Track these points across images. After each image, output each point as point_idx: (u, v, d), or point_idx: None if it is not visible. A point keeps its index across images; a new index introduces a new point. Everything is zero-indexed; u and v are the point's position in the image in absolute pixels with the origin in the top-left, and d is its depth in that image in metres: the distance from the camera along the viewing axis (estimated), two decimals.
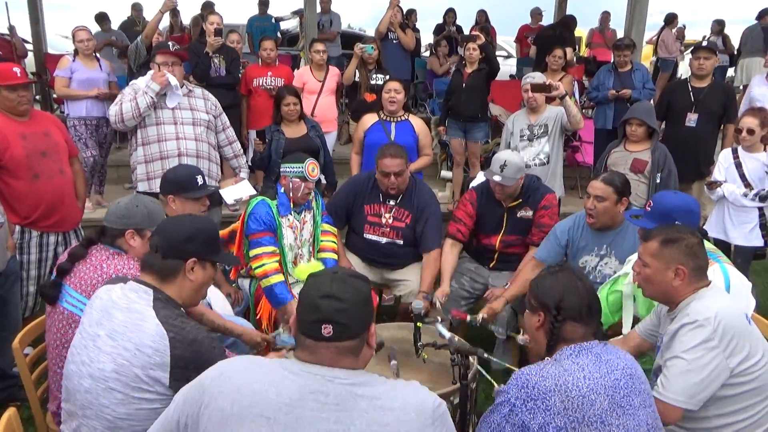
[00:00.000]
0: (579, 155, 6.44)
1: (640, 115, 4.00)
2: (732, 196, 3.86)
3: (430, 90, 8.01)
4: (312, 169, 3.04)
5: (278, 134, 4.12)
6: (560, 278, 1.70)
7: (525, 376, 1.58)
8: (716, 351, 1.83)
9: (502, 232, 3.38)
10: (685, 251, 1.95)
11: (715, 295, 1.95)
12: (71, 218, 3.38)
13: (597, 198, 2.92)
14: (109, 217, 2.18)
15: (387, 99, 4.16)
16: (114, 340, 1.69)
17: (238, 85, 5.43)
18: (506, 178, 3.17)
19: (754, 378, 1.84)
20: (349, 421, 1.30)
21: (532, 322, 1.73)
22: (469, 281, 3.44)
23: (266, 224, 3.00)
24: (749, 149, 3.86)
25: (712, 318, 1.84)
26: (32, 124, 3.22)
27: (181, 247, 1.80)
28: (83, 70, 5.13)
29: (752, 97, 5.51)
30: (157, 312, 1.71)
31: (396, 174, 3.30)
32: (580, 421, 1.51)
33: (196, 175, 2.73)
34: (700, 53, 4.85)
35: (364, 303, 1.39)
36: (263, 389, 1.33)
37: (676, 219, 2.41)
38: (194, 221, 1.91)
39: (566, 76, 5.68)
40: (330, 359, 1.35)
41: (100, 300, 1.80)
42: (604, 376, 1.57)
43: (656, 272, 2.00)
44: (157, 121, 3.59)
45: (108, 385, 1.66)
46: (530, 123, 4.28)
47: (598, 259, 3.03)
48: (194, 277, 1.83)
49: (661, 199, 2.56)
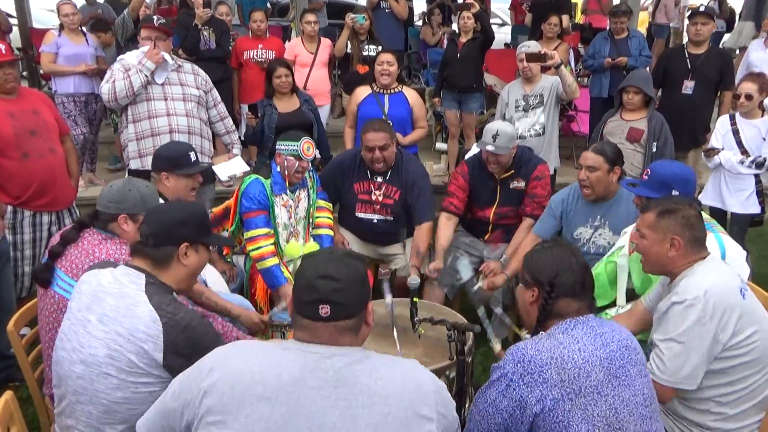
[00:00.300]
0: (574, 125, 6.40)
1: (637, 82, 3.95)
2: (729, 163, 3.84)
3: (424, 60, 7.89)
4: (307, 148, 3.01)
5: (270, 109, 4.06)
6: (554, 254, 1.70)
7: (521, 351, 1.58)
8: (708, 327, 1.83)
9: (496, 204, 3.37)
10: (681, 222, 1.95)
11: (708, 271, 1.94)
12: (64, 197, 3.34)
13: (589, 168, 2.91)
14: (102, 201, 2.16)
15: (380, 71, 4.09)
16: (106, 325, 1.67)
17: (228, 59, 5.35)
18: (499, 148, 3.15)
19: (748, 351, 1.85)
20: (350, 397, 1.30)
21: (526, 297, 1.73)
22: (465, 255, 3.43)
23: (260, 203, 2.98)
24: (747, 115, 3.83)
25: (702, 296, 1.84)
26: (20, 102, 3.17)
27: (172, 233, 1.79)
28: (69, 45, 5.03)
29: (750, 62, 5.47)
30: (150, 297, 1.69)
31: (380, 148, 3.26)
32: (576, 393, 1.52)
33: (189, 152, 2.69)
34: (698, 18, 4.78)
35: (361, 282, 1.39)
36: (262, 371, 1.33)
37: (673, 188, 2.40)
38: (183, 206, 1.90)
39: (562, 45, 5.61)
40: (329, 338, 1.35)
41: (87, 284, 1.78)
42: (599, 348, 1.58)
43: (653, 243, 2.00)
44: (147, 98, 3.52)
45: (102, 371, 1.65)
46: (525, 93, 4.23)
47: (592, 230, 3.03)
48: (188, 261, 1.82)
49: (658, 167, 2.54)
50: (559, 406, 1.51)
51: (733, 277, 1.94)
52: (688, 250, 1.96)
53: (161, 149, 2.79)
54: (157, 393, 1.64)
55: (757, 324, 1.87)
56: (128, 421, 1.67)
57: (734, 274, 1.96)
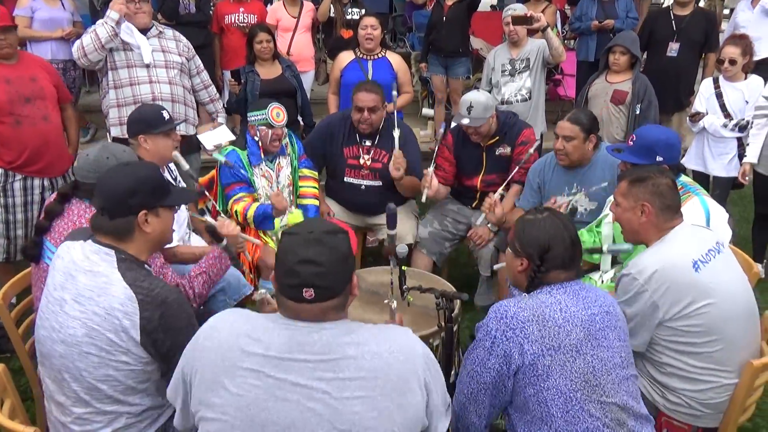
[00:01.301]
0: (561, 89, 6.37)
1: (624, 41, 3.94)
2: (712, 127, 3.87)
3: (410, 23, 7.76)
4: (277, 114, 2.98)
5: (253, 75, 3.99)
6: (546, 226, 1.70)
7: (503, 308, 1.63)
8: (644, 298, 1.91)
9: (483, 172, 3.36)
10: (651, 190, 2.01)
11: (663, 245, 1.99)
12: (59, 165, 3.34)
13: (565, 138, 2.93)
14: (80, 172, 2.12)
15: (363, 36, 4.03)
16: (81, 305, 1.65)
17: (209, 24, 5.22)
18: (475, 119, 3.13)
19: (699, 323, 1.89)
20: (337, 369, 1.32)
21: (515, 265, 1.75)
22: (452, 222, 3.45)
23: (238, 176, 3.00)
24: (731, 78, 3.84)
25: (649, 275, 1.91)
26: (18, 68, 3.16)
27: (126, 202, 1.70)
28: (45, 8, 4.86)
29: (736, 23, 5.42)
30: (123, 274, 1.66)
31: (370, 110, 3.24)
32: (556, 349, 1.57)
33: (161, 110, 2.67)
34: None
35: (343, 261, 1.37)
36: (251, 343, 1.35)
37: (657, 153, 2.42)
38: (133, 170, 1.78)
39: (549, 7, 5.53)
40: (315, 317, 1.36)
41: (61, 260, 1.74)
42: (581, 310, 1.63)
43: (624, 210, 2.08)
44: (128, 64, 3.45)
45: (82, 350, 1.64)
46: (512, 57, 4.19)
47: (569, 198, 3.06)
48: (150, 228, 1.75)
49: (643, 132, 2.56)
50: (539, 361, 1.57)
51: (688, 250, 1.95)
52: (659, 217, 2.01)
53: (133, 114, 2.74)
54: (137, 370, 1.66)
55: (711, 297, 1.89)
56: (113, 396, 1.67)
57: (693, 246, 1.97)
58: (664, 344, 1.95)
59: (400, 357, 1.36)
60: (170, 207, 1.83)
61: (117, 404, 1.69)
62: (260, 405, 1.31)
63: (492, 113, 3.19)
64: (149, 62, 3.47)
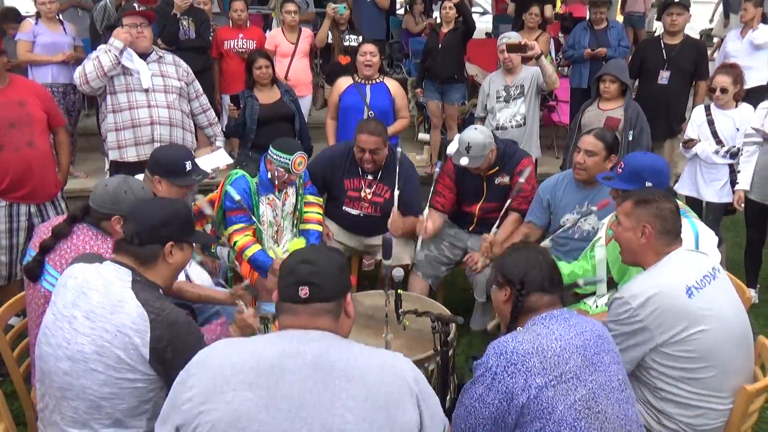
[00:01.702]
0: (555, 115, 6.46)
1: (613, 71, 4.02)
2: (704, 153, 3.93)
3: (406, 50, 7.89)
4: (299, 163, 2.98)
5: (252, 100, 4.04)
6: (523, 254, 1.81)
7: (502, 344, 1.64)
8: (633, 323, 1.92)
9: (482, 200, 3.38)
10: (654, 212, 2.03)
11: (657, 270, 2.00)
12: (44, 191, 3.28)
13: (587, 152, 2.96)
14: (96, 200, 2.15)
15: (362, 62, 4.09)
16: (92, 322, 1.68)
17: (208, 49, 5.29)
18: (473, 159, 3.15)
19: (692, 349, 1.90)
20: (328, 380, 1.34)
21: (500, 297, 1.81)
22: (449, 247, 3.47)
23: (243, 202, 3.00)
24: (722, 106, 3.91)
25: (642, 301, 1.91)
26: (6, 93, 3.12)
27: (158, 232, 1.81)
28: (47, 33, 4.95)
29: (726, 52, 5.55)
30: (136, 294, 1.71)
31: (371, 151, 3.28)
32: (558, 379, 1.57)
33: (185, 160, 2.63)
34: (673, 9, 4.84)
35: (339, 269, 1.49)
36: (243, 359, 1.38)
37: (646, 179, 2.45)
38: (168, 204, 1.91)
39: (543, 35, 5.65)
40: (308, 320, 1.43)
41: (73, 279, 1.78)
42: (575, 337, 1.65)
43: (625, 230, 2.09)
44: (128, 88, 3.48)
45: (89, 366, 1.66)
46: (506, 84, 4.26)
47: (578, 216, 3.09)
48: (173, 260, 1.85)
49: (631, 159, 2.59)
50: (543, 393, 1.56)
51: (683, 276, 1.96)
52: (658, 240, 2.03)
53: (158, 152, 2.71)
54: (142, 389, 1.68)
55: (704, 323, 1.90)
56: (113, 416, 1.68)
57: (688, 272, 1.98)
58: (660, 370, 1.95)
59: (390, 372, 1.39)
60: (191, 244, 1.93)
61: (116, 426, 1.69)
62: (252, 417, 1.32)
63: (490, 149, 3.20)
64: (148, 87, 3.50)
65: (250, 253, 2.98)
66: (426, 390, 1.44)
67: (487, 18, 10.22)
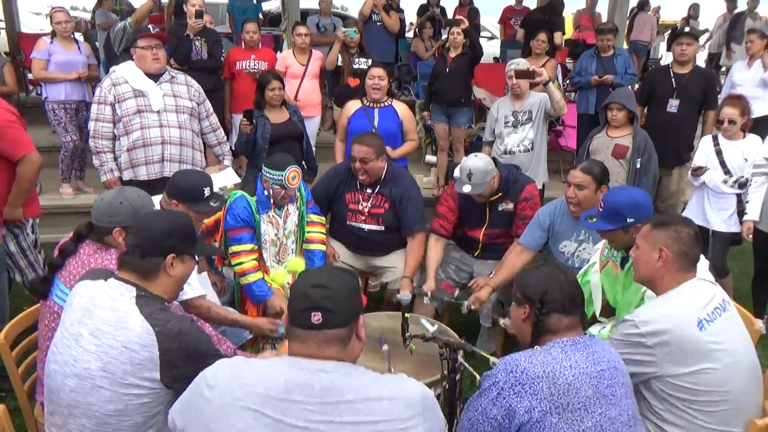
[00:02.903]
0: (562, 139, 6.49)
1: (620, 99, 4.04)
2: (712, 182, 3.92)
3: (414, 72, 7.96)
4: (292, 177, 2.99)
5: (263, 119, 4.08)
6: (544, 272, 1.76)
7: (514, 362, 1.62)
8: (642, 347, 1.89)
9: (486, 226, 3.39)
10: (672, 236, 2.02)
11: (673, 303, 1.97)
12: None
13: (577, 186, 2.96)
14: (95, 215, 2.16)
15: (371, 86, 4.14)
16: (98, 339, 1.68)
17: (220, 69, 5.36)
18: (476, 186, 3.16)
19: (697, 383, 1.87)
20: (336, 413, 1.33)
21: (518, 315, 1.78)
22: (455, 270, 3.47)
23: (244, 221, 3.01)
24: (730, 137, 3.92)
25: (651, 329, 1.88)
26: None
27: (159, 244, 1.81)
28: (62, 52, 5.03)
29: (733, 82, 5.58)
30: (140, 308, 1.71)
31: (361, 161, 3.30)
32: (564, 407, 1.55)
33: (204, 187, 2.61)
34: (683, 39, 4.87)
35: (351, 292, 1.45)
36: (250, 383, 1.37)
37: (626, 215, 2.41)
38: (169, 217, 1.91)
39: (550, 61, 5.70)
40: (318, 348, 1.39)
41: (80, 297, 1.79)
42: (590, 366, 1.62)
43: (643, 253, 2.08)
44: (139, 109, 3.52)
45: (95, 384, 1.66)
46: (514, 109, 4.29)
47: (576, 244, 3.08)
48: (174, 272, 1.84)
49: (609, 198, 2.53)
50: (546, 419, 1.54)
51: (695, 308, 1.94)
52: (676, 264, 2.01)
53: (178, 177, 2.69)
54: (148, 404, 1.68)
55: (714, 358, 1.87)
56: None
57: (700, 304, 1.95)
58: (669, 401, 1.92)
59: (400, 403, 1.37)
60: (193, 256, 1.92)
61: None
62: None
63: (492, 176, 3.20)
64: (159, 109, 3.54)
65: (250, 280, 2.96)
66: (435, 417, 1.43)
67: (495, 43, 10.33)
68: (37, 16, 11.71)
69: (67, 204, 5.09)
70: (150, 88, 3.53)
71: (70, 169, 5.30)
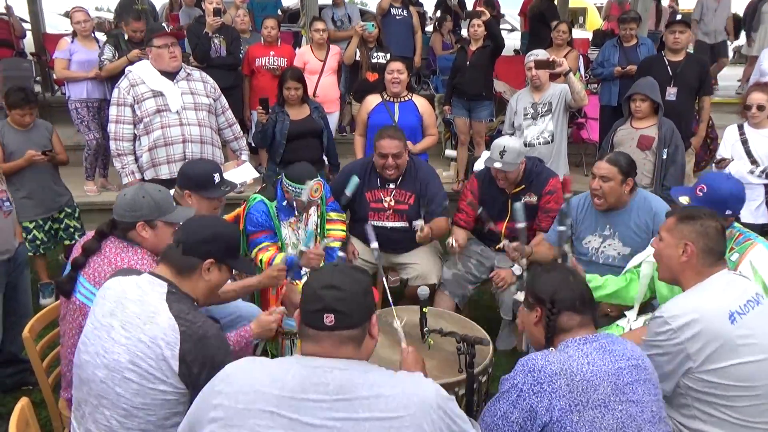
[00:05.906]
0: (584, 132, 6.40)
1: (643, 90, 3.95)
2: (738, 173, 3.82)
3: (433, 66, 7.91)
4: (315, 190, 2.97)
5: (283, 116, 4.08)
6: (552, 275, 1.78)
7: (531, 362, 1.61)
8: (671, 344, 1.85)
9: (507, 219, 3.35)
10: (698, 230, 1.97)
11: (701, 292, 1.93)
12: None
13: (602, 178, 2.90)
14: (117, 210, 2.18)
15: (390, 80, 4.11)
16: (128, 332, 1.71)
17: (239, 66, 5.38)
18: (507, 164, 3.14)
19: (732, 376, 1.83)
20: (351, 410, 1.32)
21: (531, 319, 1.78)
22: (476, 264, 3.44)
23: (263, 226, 3.02)
24: (756, 125, 3.82)
25: (682, 323, 1.84)
26: None
27: (201, 246, 1.84)
28: (82, 51, 5.10)
29: (762, 70, 5.45)
30: (170, 305, 1.73)
31: (394, 156, 3.28)
32: (584, 405, 1.54)
33: (213, 173, 2.65)
34: (675, 27, 4.82)
35: (364, 293, 1.43)
36: (265, 384, 1.37)
37: (728, 207, 2.32)
38: (219, 224, 1.95)
39: (572, 52, 5.62)
40: (331, 348, 1.39)
41: (112, 291, 1.81)
42: (608, 364, 1.60)
43: (667, 246, 2.03)
44: (159, 109, 3.53)
45: (124, 376, 1.68)
46: (534, 101, 4.23)
47: (601, 240, 3.02)
48: (209, 277, 1.86)
49: (713, 184, 2.38)
50: (566, 417, 1.53)
51: (726, 301, 1.88)
52: (700, 259, 1.96)
53: (187, 167, 2.72)
54: (173, 401, 1.70)
55: (745, 354, 1.82)
56: (144, 428, 1.70)
57: (731, 296, 1.90)
58: (694, 395, 1.88)
59: (414, 399, 1.35)
60: (231, 269, 1.95)
61: None
62: None
63: (522, 159, 3.20)
64: (177, 109, 3.54)
65: (279, 260, 2.92)
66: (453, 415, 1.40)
67: (516, 35, 10.22)
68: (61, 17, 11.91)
69: (92, 201, 5.17)
70: (167, 88, 3.54)
71: (94, 166, 5.38)
